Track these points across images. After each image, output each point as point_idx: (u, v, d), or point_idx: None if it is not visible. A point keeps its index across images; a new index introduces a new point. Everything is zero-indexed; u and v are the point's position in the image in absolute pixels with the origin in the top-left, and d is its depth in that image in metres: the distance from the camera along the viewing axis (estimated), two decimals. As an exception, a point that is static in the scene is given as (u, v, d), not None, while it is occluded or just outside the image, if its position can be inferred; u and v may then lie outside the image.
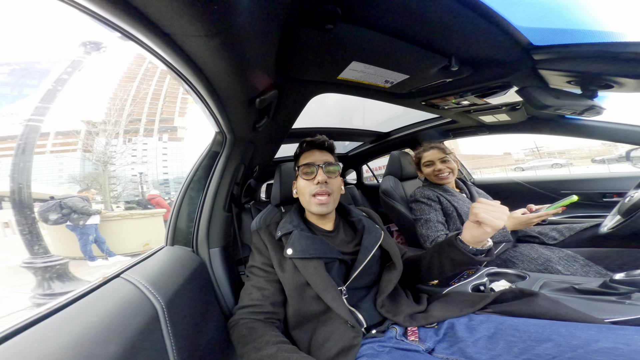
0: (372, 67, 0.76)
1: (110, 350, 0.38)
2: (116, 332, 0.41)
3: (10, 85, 37.95)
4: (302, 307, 0.71)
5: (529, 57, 0.71)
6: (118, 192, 22.61)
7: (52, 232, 4.50)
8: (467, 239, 0.69)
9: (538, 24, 0.59)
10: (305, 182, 0.82)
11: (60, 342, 0.36)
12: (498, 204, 0.66)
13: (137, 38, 0.38)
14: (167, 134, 44.82)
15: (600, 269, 1.00)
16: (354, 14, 0.54)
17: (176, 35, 0.38)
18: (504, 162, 37.96)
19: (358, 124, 1.87)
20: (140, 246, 5.05)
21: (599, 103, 0.96)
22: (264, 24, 0.46)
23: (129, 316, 0.46)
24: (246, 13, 0.37)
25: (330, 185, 0.80)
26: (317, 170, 0.80)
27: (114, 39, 0.40)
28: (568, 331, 0.53)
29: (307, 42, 0.60)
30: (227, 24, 0.37)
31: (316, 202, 0.79)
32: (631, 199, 1.01)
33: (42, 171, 35.80)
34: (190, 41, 0.39)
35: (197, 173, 0.98)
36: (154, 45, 0.39)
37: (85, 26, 18.29)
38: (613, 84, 0.80)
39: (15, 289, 3.84)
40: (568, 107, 0.98)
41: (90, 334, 0.39)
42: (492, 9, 0.52)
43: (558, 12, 0.58)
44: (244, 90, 0.63)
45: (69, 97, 60.08)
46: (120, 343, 0.40)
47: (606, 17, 0.59)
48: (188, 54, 0.43)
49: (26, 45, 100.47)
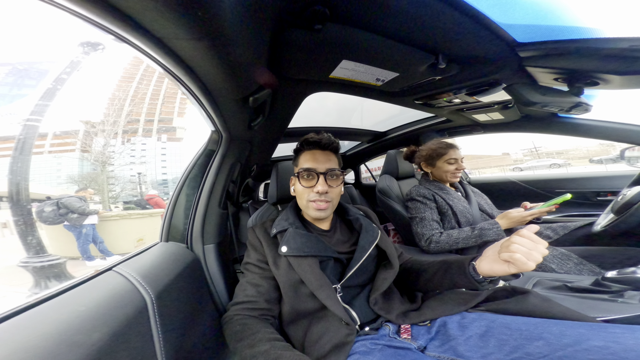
0: (362, 66, 0.77)
1: (94, 338, 0.38)
2: (101, 321, 0.42)
3: (9, 85, 37.85)
4: (296, 304, 0.71)
5: (515, 54, 0.72)
6: (116, 192, 22.56)
7: (50, 232, 4.49)
8: (483, 270, 0.62)
9: (521, 21, 0.60)
10: (303, 188, 0.78)
11: (44, 329, 0.36)
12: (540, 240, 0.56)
13: (132, 42, 0.40)
14: (166, 134, 44.78)
15: (593, 267, 1.01)
16: (341, 14, 0.55)
17: (167, 39, 0.40)
18: (503, 162, 38.03)
19: (356, 123, 1.88)
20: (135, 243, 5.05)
21: (585, 100, 0.97)
22: (252, 26, 0.47)
23: (116, 307, 0.47)
24: (232, 16, 0.39)
25: (331, 194, 0.77)
26: (318, 178, 0.76)
27: (111, 40, 0.41)
28: (559, 329, 0.53)
29: (297, 43, 0.61)
30: (213, 27, 0.39)
31: (314, 207, 0.76)
32: (624, 197, 1.02)
33: (40, 171, 35.67)
34: (180, 44, 0.41)
35: (193, 171, 0.99)
36: (148, 48, 0.41)
37: (82, 27, 18.35)
38: (598, 81, 0.81)
39: (12, 288, 3.83)
40: (554, 103, 0.99)
41: (75, 322, 0.39)
42: (475, 8, 0.53)
43: (542, 9, 0.59)
44: (237, 90, 0.64)
45: (67, 97, 59.90)
46: (105, 332, 0.40)
47: (588, 14, 0.60)
48: (179, 56, 0.45)
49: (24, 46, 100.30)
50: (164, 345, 0.51)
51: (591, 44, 0.62)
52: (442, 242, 1.20)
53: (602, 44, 0.62)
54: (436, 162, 1.37)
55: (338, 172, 0.79)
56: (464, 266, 0.67)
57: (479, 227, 1.16)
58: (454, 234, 1.19)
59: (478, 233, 1.15)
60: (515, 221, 1.14)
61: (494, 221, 1.16)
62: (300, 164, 0.81)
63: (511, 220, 1.14)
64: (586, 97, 0.94)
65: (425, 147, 1.43)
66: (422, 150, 1.45)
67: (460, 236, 1.17)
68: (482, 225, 1.16)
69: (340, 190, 0.82)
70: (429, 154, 1.39)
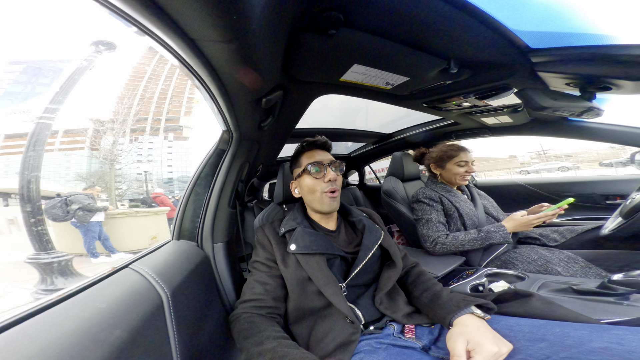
0: (373, 70, 0.78)
1: (115, 335, 0.39)
2: (122, 318, 0.43)
3: (22, 84, 38.77)
4: (303, 302, 0.72)
5: (527, 59, 0.72)
6: (123, 190, 22.92)
7: (57, 229, 4.57)
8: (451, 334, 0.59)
9: (535, 27, 0.60)
10: (315, 181, 0.83)
11: (69, 326, 0.37)
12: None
13: (165, 42, 0.42)
14: (173, 133, 45.32)
15: (600, 270, 1.00)
16: (355, 20, 0.57)
17: (199, 40, 0.42)
18: (509, 164, 37.49)
19: (361, 125, 1.88)
20: (146, 242, 5.13)
21: (597, 105, 0.96)
22: (272, 30, 0.49)
23: (135, 304, 0.48)
24: (258, 20, 0.41)
25: (337, 182, 0.84)
26: (326, 168, 0.83)
27: (122, 39, 0.43)
28: (562, 331, 0.53)
29: (311, 46, 0.63)
30: (243, 30, 0.40)
31: (329, 197, 0.81)
32: (632, 200, 1.01)
33: (50, 168, 36.41)
34: (210, 45, 0.43)
35: (204, 170, 1.00)
36: (179, 49, 0.43)
37: (94, 25, 18.46)
38: (611, 86, 0.81)
39: (17, 284, 3.91)
40: (565, 108, 0.99)
41: (97, 319, 0.40)
42: (488, 14, 0.53)
43: (554, 15, 0.60)
44: (253, 91, 0.66)
45: (79, 95, 61.11)
46: (125, 328, 0.42)
47: (600, 20, 0.60)
48: (207, 57, 0.47)
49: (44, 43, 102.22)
50: (178, 342, 0.53)
51: (604, 50, 0.62)
52: (447, 243, 1.20)
53: (616, 51, 0.62)
54: (446, 164, 1.36)
55: (338, 162, 0.87)
56: (444, 320, 0.64)
57: (485, 230, 1.16)
58: (459, 236, 1.19)
59: (484, 235, 1.14)
60: (521, 224, 1.13)
61: (500, 224, 1.16)
62: (304, 162, 0.86)
63: (517, 223, 1.13)
64: (598, 101, 0.94)
65: (437, 149, 1.42)
66: (432, 151, 1.44)
67: (466, 238, 1.17)
68: (488, 228, 1.16)
69: (342, 180, 0.88)
70: (440, 155, 1.38)
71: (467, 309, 0.62)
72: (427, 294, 0.74)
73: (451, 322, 0.61)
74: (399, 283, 0.83)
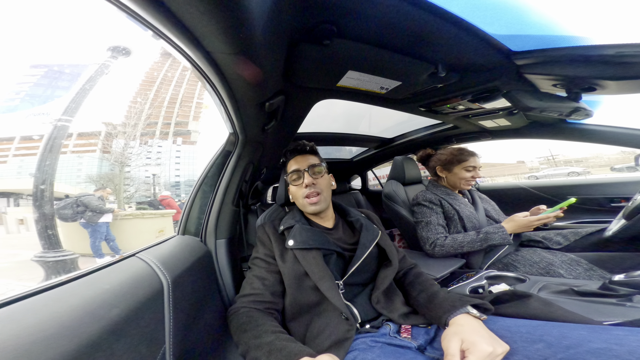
0: (366, 75, 0.83)
1: (113, 313, 0.42)
2: (122, 298, 0.46)
3: (43, 87, 40.30)
4: (299, 297, 0.73)
5: (511, 62, 0.76)
6: (131, 193, 23.37)
7: (65, 228, 4.67)
8: (447, 333, 0.59)
9: (514, 31, 0.63)
10: (295, 188, 0.88)
11: (71, 302, 0.40)
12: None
13: (186, 53, 0.50)
14: (181, 137, 46.27)
15: (604, 272, 0.98)
16: (347, 31, 0.63)
17: (213, 52, 0.49)
18: (517, 170, 36.70)
19: (364, 130, 1.91)
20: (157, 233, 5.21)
21: (585, 105, 0.98)
22: (274, 42, 0.56)
23: (137, 287, 0.51)
24: (261, 33, 0.47)
25: (318, 185, 0.85)
26: (303, 174, 0.86)
27: (137, 45, 0.50)
28: (560, 332, 0.52)
29: (308, 55, 0.70)
30: (248, 43, 0.47)
31: (308, 202, 0.84)
32: (635, 201, 1.00)
33: (63, 170, 37.43)
34: (222, 57, 0.51)
35: (211, 170, 1.06)
36: (197, 59, 0.51)
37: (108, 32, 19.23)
38: (595, 87, 0.83)
39: (21, 282, 4.00)
40: (552, 108, 1.00)
41: (99, 298, 0.44)
42: (468, 22, 0.58)
43: (532, 19, 0.63)
44: (257, 95, 0.72)
45: (95, 99, 63.16)
46: (123, 308, 0.44)
47: (576, 22, 0.63)
48: (219, 66, 0.54)
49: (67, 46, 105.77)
50: (172, 327, 0.55)
51: (580, 51, 0.65)
52: (447, 245, 1.20)
53: (590, 51, 0.64)
54: (454, 167, 1.35)
55: (318, 165, 0.88)
56: (440, 320, 0.64)
57: (484, 231, 1.16)
58: (459, 237, 1.19)
59: (483, 237, 1.14)
60: (521, 225, 1.12)
61: (500, 225, 1.15)
62: (288, 170, 0.91)
63: (518, 224, 1.13)
64: (590, 103, 0.95)
65: (446, 152, 1.40)
66: (441, 154, 1.42)
67: (465, 240, 1.17)
68: (487, 229, 1.16)
69: (328, 181, 0.90)
70: (449, 158, 1.36)
71: (463, 309, 0.62)
72: (424, 295, 0.74)
73: (447, 322, 0.61)
74: (397, 284, 0.84)
